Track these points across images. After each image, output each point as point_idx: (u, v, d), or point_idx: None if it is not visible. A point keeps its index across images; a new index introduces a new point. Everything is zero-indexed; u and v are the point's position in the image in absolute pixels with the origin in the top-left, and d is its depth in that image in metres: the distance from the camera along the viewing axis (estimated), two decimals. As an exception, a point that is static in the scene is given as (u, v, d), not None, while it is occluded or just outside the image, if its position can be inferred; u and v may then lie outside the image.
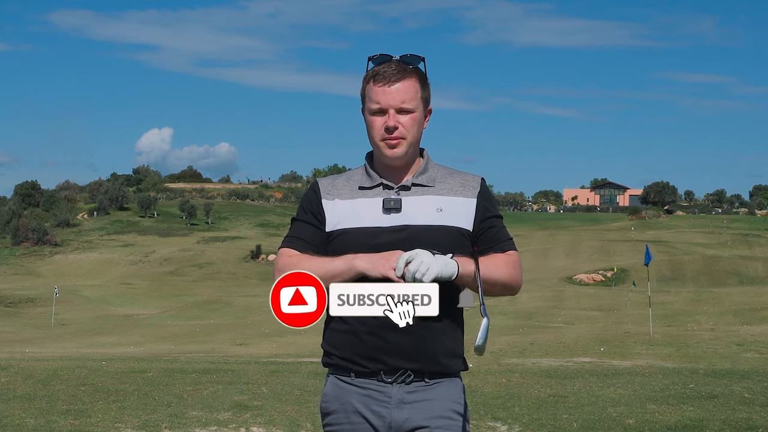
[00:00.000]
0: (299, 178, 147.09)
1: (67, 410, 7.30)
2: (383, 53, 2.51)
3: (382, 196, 2.49)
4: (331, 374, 2.53)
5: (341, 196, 2.53)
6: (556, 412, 7.39)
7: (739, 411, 7.49)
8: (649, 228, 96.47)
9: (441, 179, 2.54)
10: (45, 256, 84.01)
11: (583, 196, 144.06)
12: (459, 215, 2.48)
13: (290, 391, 8.63)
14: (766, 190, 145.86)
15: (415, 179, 2.51)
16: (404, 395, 2.43)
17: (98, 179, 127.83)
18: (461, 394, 2.51)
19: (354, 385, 2.47)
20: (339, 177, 2.61)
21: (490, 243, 2.52)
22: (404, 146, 2.46)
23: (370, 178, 2.53)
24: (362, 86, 2.52)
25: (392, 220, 2.45)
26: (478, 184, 2.56)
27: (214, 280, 68.79)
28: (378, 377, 2.44)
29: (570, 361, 13.28)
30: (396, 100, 2.44)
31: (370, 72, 2.50)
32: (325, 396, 2.54)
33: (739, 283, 51.65)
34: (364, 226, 2.45)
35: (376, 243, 2.41)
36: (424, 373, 2.44)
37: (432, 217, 2.46)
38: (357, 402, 2.45)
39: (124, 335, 29.15)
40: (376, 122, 2.46)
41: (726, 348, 16.28)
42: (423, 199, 2.49)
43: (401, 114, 2.45)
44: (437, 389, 2.46)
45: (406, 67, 2.48)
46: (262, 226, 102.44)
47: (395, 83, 2.44)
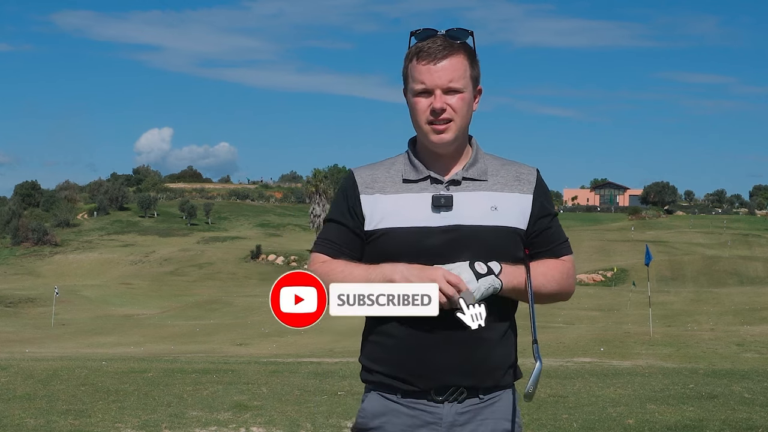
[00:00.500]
0: (299, 178, 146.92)
1: (67, 410, 7.29)
2: (427, 27, 2.24)
3: (430, 191, 2.23)
4: (372, 390, 2.30)
5: (383, 190, 2.27)
6: (556, 412, 7.38)
7: (739, 411, 7.49)
8: (649, 228, 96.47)
9: (493, 172, 2.29)
10: (45, 256, 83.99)
11: (583, 196, 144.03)
12: (514, 214, 2.24)
13: (290, 391, 8.62)
14: (766, 190, 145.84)
15: (466, 172, 2.26)
16: (456, 416, 2.21)
17: (98, 179, 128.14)
18: (515, 408, 2.30)
19: (400, 404, 2.24)
20: (378, 167, 2.33)
21: (544, 246, 2.31)
22: (453, 131, 2.21)
23: (416, 169, 2.27)
24: (404, 65, 2.26)
25: (442, 220, 2.21)
26: (534, 177, 2.32)
27: (214, 280, 68.76)
28: (428, 396, 2.21)
29: (570, 361, 13.27)
30: (443, 79, 2.18)
31: (413, 48, 2.23)
32: (363, 412, 2.30)
33: (739, 283, 51.66)
34: (410, 225, 2.21)
35: (424, 245, 2.20)
36: (478, 389, 2.23)
37: (486, 216, 2.22)
38: (402, 423, 2.23)
39: (124, 335, 29.15)
40: (420, 104, 2.21)
41: (726, 348, 16.27)
42: (475, 195, 2.24)
43: (449, 94, 2.20)
44: (493, 407, 2.25)
45: (453, 43, 2.21)
46: (262, 226, 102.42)
47: (441, 60, 2.18)
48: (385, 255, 2.24)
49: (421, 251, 2.20)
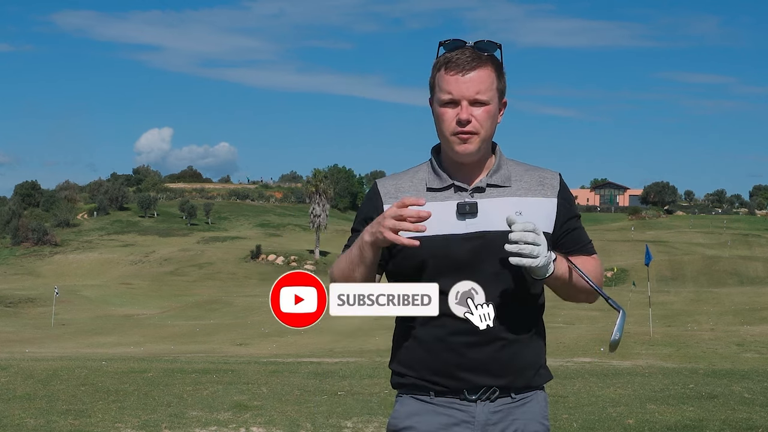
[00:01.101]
0: (299, 178, 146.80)
1: (67, 410, 7.30)
2: (456, 38, 2.28)
3: (455, 199, 2.26)
4: (404, 394, 2.33)
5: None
6: (556, 412, 7.38)
7: (739, 411, 7.49)
8: (649, 228, 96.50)
9: (517, 177, 2.32)
10: (45, 256, 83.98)
11: (583, 196, 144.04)
12: (539, 217, 2.25)
13: (290, 391, 8.63)
14: (766, 190, 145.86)
15: (490, 179, 2.29)
16: (489, 415, 2.25)
17: (98, 179, 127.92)
18: (546, 410, 2.34)
19: (433, 404, 2.27)
20: (402, 177, 2.36)
21: (574, 245, 2.34)
22: (477, 142, 2.24)
23: (440, 177, 2.30)
24: (432, 74, 2.29)
25: (468, 227, 2.23)
26: (557, 181, 2.34)
27: (214, 280, 68.75)
28: (461, 395, 2.25)
29: (570, 361, 13.27)
30: (470, 90, 2.21)
31: (441, 58, 2.26)
32: (396, 413, 2.33)
33: (739, 283, 51.67)
34: (436, 234, 2.22)
35: (450, 252, 2.22)
36: (510, 388, 2.27)
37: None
38: (435, 421, 2.26)
39: (124, 335, 29.15)
40: (447, 114, 2.23)
41: (726, 348, 16.28)
42: (500, 201, 2.27)
43: (475, 106, 2.22)
44: (524, 407, 2.29)
45: (481, 55, 2.25)
46: (262, 226, 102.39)
47: (469, 72, 2.22)
48: (411, 264, 2.27)
49: (447, 259, 2.22)
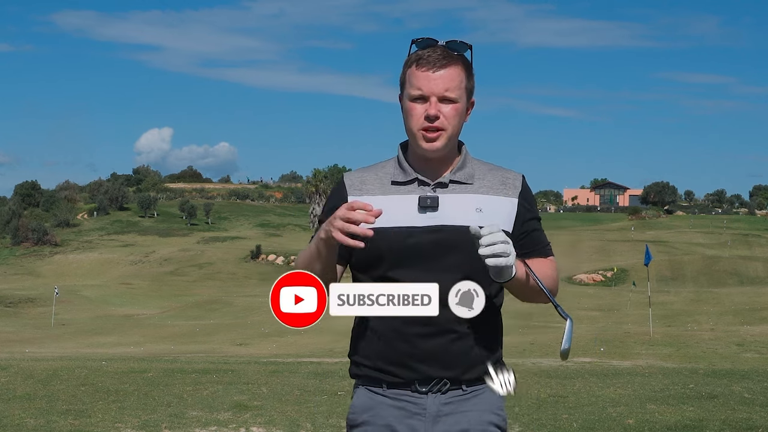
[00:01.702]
0: (299, 178, 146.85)
1: (67, 410, 7.30)
2: (428, 37, 2.33)
3: (417, 193, 2.31)
4: (360, 385, 2.39)
5: (371, 192, 2.35)
6: (556, 412, 7.39)
7: (739, 411, 7.49)
8: (649, 228, 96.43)
9: (480, 176, 2.35)
10: (45, 256, 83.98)
11: (583, 196, 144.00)
12: (499, 216, 2.29)
13: (290, 391, 8.63)
14: (766, 190, 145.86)
15: (453, 176, 2.33)
16: (440, 407, 2.28)
17: (98, 179, 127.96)
18: (501, 402, 2.35)
19: (386, 396, 2.31)
20: (368, 170, 2.42)
21: (532, 247, 2.37)
22: (443, 139, 2.28)
23: (404, 172, 2.35)
24: (402, 71, 2.33)
25: (428, 220, 2.28)
26: (519, 182, 2.38)
27: (214, 280, 68.74)
28: (412, 387, 2.29)
29: (570, 361, 13.27)
30: (439, 87, 2.25)
31: (413, 56, 2.31)
32: (353, 407, 2.38)
33: (739, 283, 51.66)
34: (396, 225, 2.27)
35: (409, 244, 2.26)
36: (461, 381, 2.29)
37: (471, 217, 2.27)
38: (389, 415, 2.30)
39: (124, 335, 29.15)
40: (415, 110, 2.28)
41: (726, 348, 16.28)
42: (461, 197, 2.31)
43: (443, 103, 2.27)
44: (476, 399, 2.31)
45: (452, 54, 2.29)
46: (262, 226, 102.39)
47: (440, 69, 2.26)
48: (371, 255, 2.30)
49: (407, 251, 2.26)
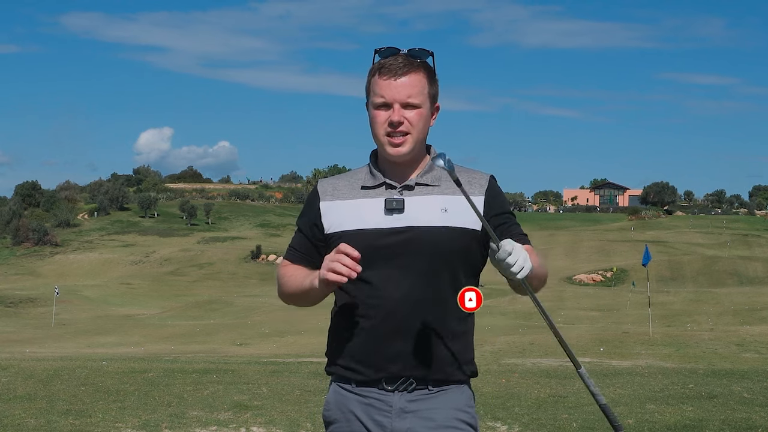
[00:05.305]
0: (299, 178, 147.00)
1: (67, 410, 7.30)
2: (390, 46, 2.39)
3: (384, 196, 2.36)
4: (333, 382, 2.45)
5: (342, 196, 2.41)
6: (556, 412, 7.39)
7: (739, 411, 7.50)
8: (649, 228, 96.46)
9: (447, 178, 2.38)
10: (45, 256, 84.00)
11: (582, 196, 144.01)
12: (465, 215, 2.31)
13: (290, 391, 8.64)
14: (766, 191, 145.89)
15: (420, 178, 2.39)
16: (406, 404, 2.32)
17: (98, 179, 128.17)
18: (469, 401, 2.38)
19: (355, 393, 2.37)
20: (341, 177, 2.49)
21: (505, 237, 2.32)
22: (409, 143, 2.34)
23: (374, 177, 2.41)
24: (367, 79, 2.40)
25: (394, 221, 2.33)
26: (486, 181, 2.42)
27: (214, 280, 68.77)
28: (379, 385, 2.33)
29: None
30: (402, 94, 2.31)
31: (376, 65, 2.37)
32: (327, 404, 2.45)
33: (739, 284, 51.69)
34: (364, 228, 2.33)
35: (377, 245, 2.31)
36: (427, 380, 2.32)
37: (436, 217, 2.32)
38: (358, 411, 2.35)
39: (125, 335, 29.15)
40: (380, 116, 2.34)
41: (725, 348, 16.28)
42: (427, 198, 2.36)
43: (407, 109, 2.32)
44: (441, 397, 2.34)
45: (413, 61, 2.35)
46: (262, 226, 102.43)
47: (401, 77, 2.32)
48: None
49: (375, 252, 2.30)
